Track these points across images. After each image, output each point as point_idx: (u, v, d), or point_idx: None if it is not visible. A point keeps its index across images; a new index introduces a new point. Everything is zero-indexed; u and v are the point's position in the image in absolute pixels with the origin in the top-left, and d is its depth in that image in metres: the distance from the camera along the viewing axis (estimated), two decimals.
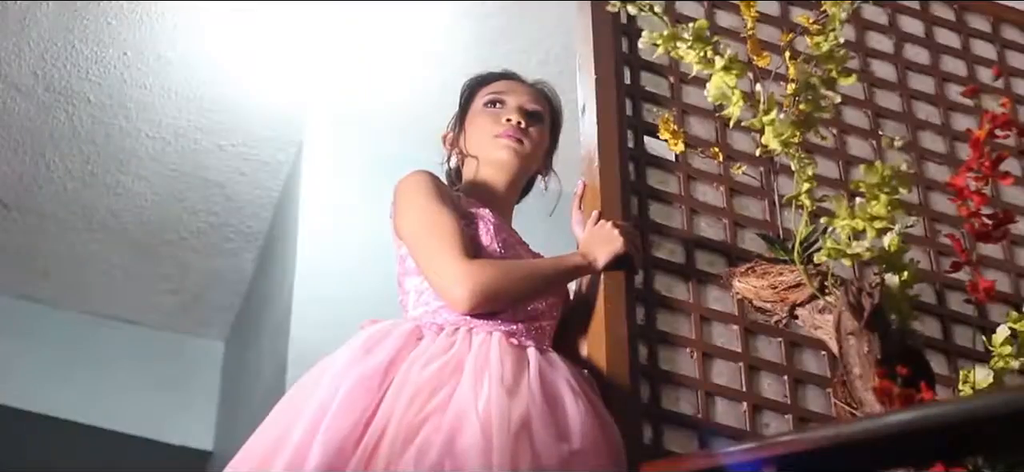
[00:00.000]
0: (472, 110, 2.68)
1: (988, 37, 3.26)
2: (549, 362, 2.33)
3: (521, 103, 2.65)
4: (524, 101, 2.66)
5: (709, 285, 2.61)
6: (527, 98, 2.67)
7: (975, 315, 2.77)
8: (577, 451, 2.13)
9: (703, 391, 2.47)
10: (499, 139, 2.61)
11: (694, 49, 2.21)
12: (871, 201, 2.17)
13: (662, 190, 2.70)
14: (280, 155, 4.53)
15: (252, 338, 4.74)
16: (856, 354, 2.28)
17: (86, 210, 4.73)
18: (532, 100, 2.68)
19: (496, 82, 2.71)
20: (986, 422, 1.53)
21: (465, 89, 2.74)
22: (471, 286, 2.33)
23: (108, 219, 4.79)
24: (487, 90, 2.69)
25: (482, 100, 2.67)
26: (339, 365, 2.28)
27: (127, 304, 5.14)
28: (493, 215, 2.52)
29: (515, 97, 2.66)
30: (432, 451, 2.05)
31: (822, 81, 2.24)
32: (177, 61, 4.23)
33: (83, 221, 4.77)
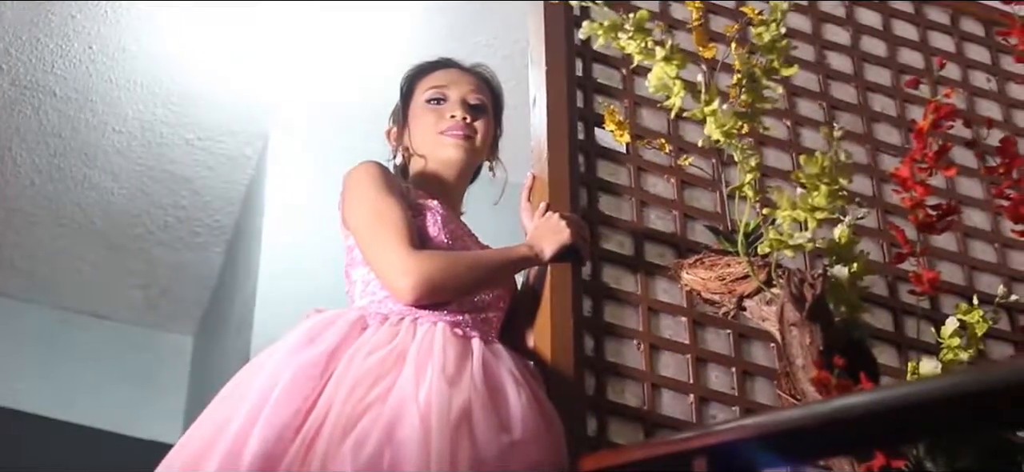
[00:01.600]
0: (414, 105, 2.65)
1: (946, 30, 3.25)
2: (493, 353, 2.33)
3: (464, 96, 2.62)
4: (466, 93, 2.63)
5: (658, 277, 2.60)
6: (469, 89, 2.64)
7: (928, 307, 2.77)
8: (517, 442, 2.13)
9: (649, 383, 2.47)
10: (445, 136, 2.59)
11: (635, 39, 2.20)
12: (812, 192, 2.16)
13: (612, 182, 2.69)
14: (247, 149, 4.52)
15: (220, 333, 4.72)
16: (799, 345, 2.29)
17: (53, 205, 4.72)
18: (474, 91, 2.65)
19: (435, 74, 2.67)
20: (910, 411, 1.53)
21: (404, 82, 2.70)
22: (415, 277, 2.33)
23: (75, 213, 4.78)
24: (427, 84, 2.65)
25: (423, 95, 2.64)
26: (281, 354, 2.27)
27: (95, 299, 5.12)
28: (441, 207, 2.51)
29: (457, 90, 2.63)
30: (370, 441, 2.04)
31: (764, 71, 2.23)
32: (142, 55, 4.22)
33: (50, 216, 4.76)
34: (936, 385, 1.47)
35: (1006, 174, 2.43)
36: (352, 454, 2.03)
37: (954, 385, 1.47)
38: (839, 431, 1.65)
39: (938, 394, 1.48)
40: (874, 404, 1.58)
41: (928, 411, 1.50)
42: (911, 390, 1.50)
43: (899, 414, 1.53)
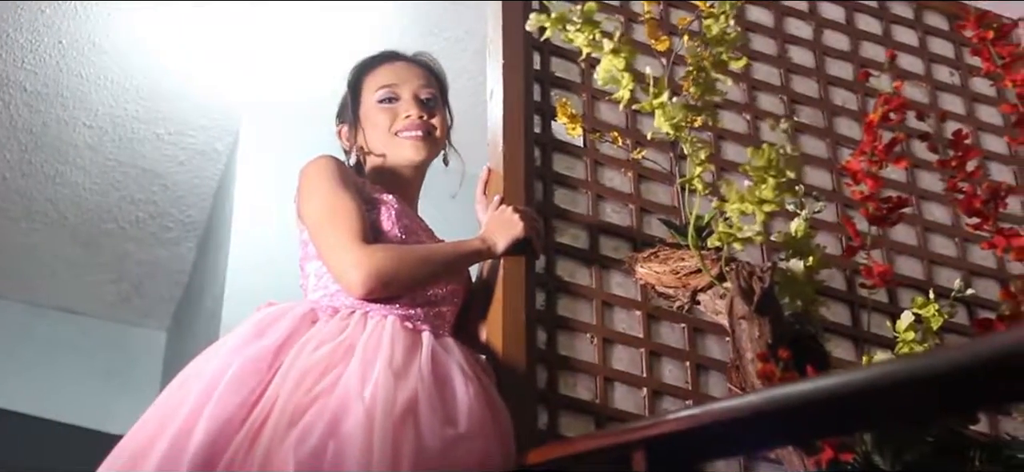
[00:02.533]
0: (365, 106, 2.62)
1: (910, 24, 3.25)
2: (443, 346, 2.32)
3: (415, 91, 2.60)
4: (417, 89, 2.61)
5: (612, 271, 2.60)
6: (419, 84, 2.62)
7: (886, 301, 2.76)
8: (462, 435, 2.12)
9: (602, 377, 2.46)
10: (402, 137, 2.57)
11: (583, 32, 2.19)
12: (760, 184, 2.15)
13: (568, 175, 2.69)
14: (218, 144, 4.51)
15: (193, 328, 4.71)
16: (748, 338, 2.28)
17: (25, 200, 4.71)
18: (424, 84, 2.63)
19: (381, 71, 2.64)
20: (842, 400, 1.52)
21: (350, 81, 2.67)
22: (366, 271, 2.32)
23: (47, 209, 4.76)
24: (375, 82, 2.62)
25: (374, 96, 2.61)
26: (229, 347, 2.27)
27: (68, 294, 5.11)
28: (396, 201, 2.50)
29: (408, 87, 2.60)
30: (314, 433, 2.04)
31: (714, 64, 2.22)
32: (112, 50, 4.21)
33: (22, 211, 4.75)
34: (867, 374, 1.47)
35: (959, 167, 2.42)
36: (296, 446, 2.02)
37: (884, 375, 1.46)
38: (774, 422, 1.65)
39: (868, 383, 1.47)
40: (806, 394, 1.57)
41: (859, 401, 1.49)
42: (843, 380, 1.49)
43: (832, 404, 1.53)
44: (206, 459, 2.05)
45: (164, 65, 4.26)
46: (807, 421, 1.58)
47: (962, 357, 1.26)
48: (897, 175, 2.96)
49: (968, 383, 1.31)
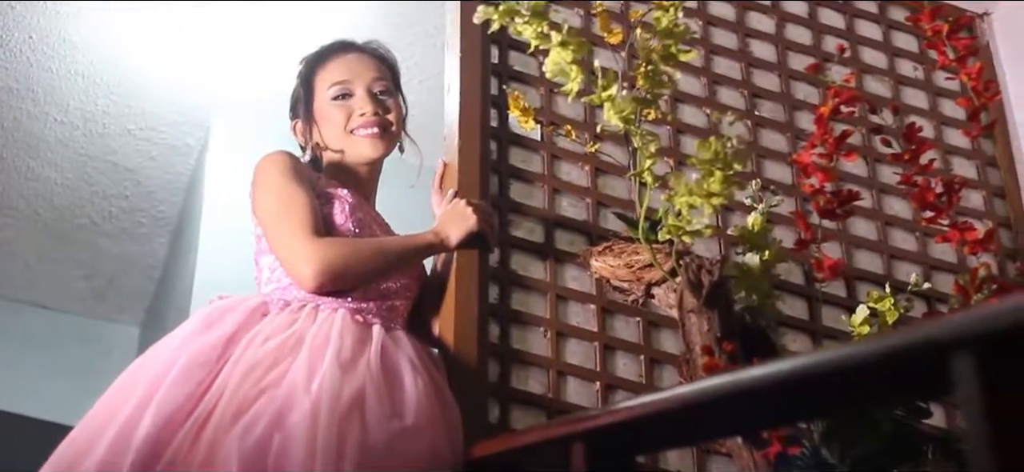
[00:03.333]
0: (318, 103, 2.59)
1: (873, 18, 3.24)
2: (394, 340, 2.31)
3: (369, 86, 2.57)
4: (371, 82, 2.58)
5: (567, 264, 2.60)
6: (372, 76, 2.59)
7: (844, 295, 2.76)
8: (409, 428, 2.12)
9: (554, 370, 2.46)
10: (359, 135, 2.55)
11: (531, 24, 2.18)
12: (707, 177, 2.15)
13: (524, 169, 2.68)
14: (189, 140, 4.49)
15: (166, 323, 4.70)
16: (697, 331, 2.27)
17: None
18: (377, 77, 2.60)
19: (333, 64, 2.61)
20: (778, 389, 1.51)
21: (302, 75, 2.65)
22: (317, 264, 2.31)
23: (19, 204, 4.75)
24: (328, 78, 2.59)
25: (328, 92, 2.58)
26: (178, 339, 2.27)
27: (41, 290, 5.10)
28: (351, 195, 2.49)
29: (361, 82, 2.57)
30: (259, 426, 2.03)
31: (662, 57, 2.21)
32: (83, 45, 4.19)
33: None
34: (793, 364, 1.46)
35: (913, 161, 2.42)
36: (240, 439, 2.01)
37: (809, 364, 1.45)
38: (709, 413, 1.64)
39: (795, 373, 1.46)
40: (737, 385, 1.57)
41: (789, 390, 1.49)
42: (770, 370, 1.48)
43: (763, 394, 1.52)
44: (151, 452, 2.04)
45: (135, 60, 4.24)
46: (741, 411, 1.58)
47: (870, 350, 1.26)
48: (859, 169, 2.96)
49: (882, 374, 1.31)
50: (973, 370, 1.21)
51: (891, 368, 1.32)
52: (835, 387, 1.39)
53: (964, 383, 1.21)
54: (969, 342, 1.23)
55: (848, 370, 1.34)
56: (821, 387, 1.40)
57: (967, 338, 1.23)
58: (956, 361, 1.23)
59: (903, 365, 1.30)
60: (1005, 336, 1.22)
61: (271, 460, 2.00)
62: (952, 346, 1.24)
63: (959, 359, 1.23)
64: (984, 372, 1.21)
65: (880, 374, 1.33)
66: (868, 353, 1.31)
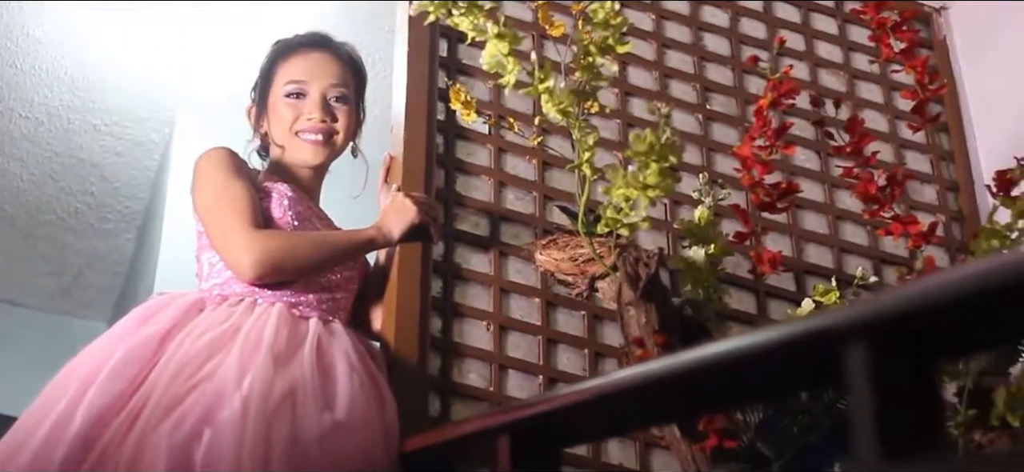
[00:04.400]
0: (273, 94, 2.58)
1: (829, 12, 3.23)
2: (331, 333, 2.31)
3: (324, 91, 2.54)
4: (327, 87, 2.55)
5: (512, 258, 2.59)
6: (330, 82, 2.56)
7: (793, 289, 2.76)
8: (340, 422, 2.11)
9: (497, 364, 2.45)
10: (302, 138, 2.53)
11: (467, 16, 2.17)
12: (643, 169, 2.14)
13: (470, 162, 2.67)
14: (154, 135, 4.48)
15: None
16: (635, 324, 2.27)
17: None
18: (336, 82, 2.56)
19: (296, 59, 2.59)
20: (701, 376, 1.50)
21: (266, 61, 2.63)
22: (256, 255, 2.31)
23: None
24: (287, 72, 2.57)
25: (283, 87, 2.56)
26: (114, 336, 2.27)
27: (8, 286, 5.08)
28: (290, 189, 2.48)
29: (318, 85, 2.55)
30: (189, 421, 2.02)
31: (599, 49, 2.21)
32: (46, 41, 4.17)
33: None
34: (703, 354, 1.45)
35: (855, 153, 2.41)
36: (169, 434, 2.01)
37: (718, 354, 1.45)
38: (623, 404, 1.63)
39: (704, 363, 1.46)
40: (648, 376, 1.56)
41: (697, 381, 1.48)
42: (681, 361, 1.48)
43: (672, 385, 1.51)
44: (82, 446, 2.04)
45: (100, 56, 4.23)
46: (651, 403, 1.57)
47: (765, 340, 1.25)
48: (812, 163, 2.95)
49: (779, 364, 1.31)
50: (862, 359, 1.21)
51: (787, 358, 1.31)
52: (735, 378, 1.38)
53: (853, 372, 1.21)
54: (858, 331, 1.22)
55: (746, 361, 1.33)
56: (721, 378, 1.39)
57: (856, 327, 1.23)
58: (847, 350, 1.22)
59: (796, 355, 1.30)
60: (893, 324, 1.21)
61: (199, 455, 1.99)
62: (843, 335, 1.24)
63: (849, 348, 1.22)
64: (873, 361, 1.21)
65: (777, 364, 1.33)
66: (764, 343, 1.30)
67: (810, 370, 1.31)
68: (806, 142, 2.94)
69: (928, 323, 1.20)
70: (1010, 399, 2.22)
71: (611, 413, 1.66)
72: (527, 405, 1.88)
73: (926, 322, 1.20)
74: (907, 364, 1.21)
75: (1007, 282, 1.13)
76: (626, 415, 1.66)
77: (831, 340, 1.24)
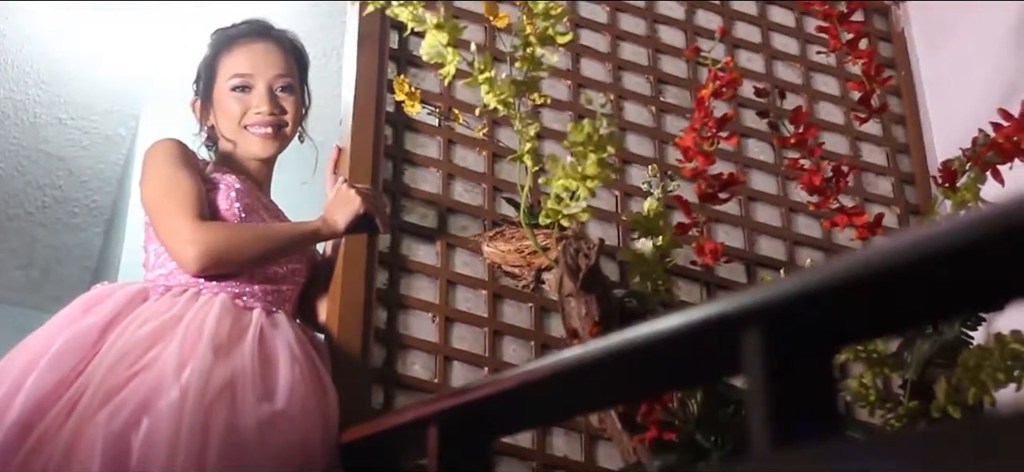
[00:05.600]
0: (218, 89, 2.57)
1: (786, 5, 3.23)
2: (274, 324, 2.30)
3: (270, 82, 2.54)
4: (272, 77, 2.54)
5: (460, 250, 2.59)
6: (274, 72, 2.55)
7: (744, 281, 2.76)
8: (279, 412, 2.11)
9: (442, 356, 2.45)
10: (251, 132, 2.53)
11: (406, 7, 2.17)
12: (581, 160, 2.14)
13: (419, 154, 2.67)
14: (121, 129, 4.47)
15: None
16: (576, 315, 2.27)
17: None
18: (281, 72, 2.56)
19: (238, 52, 2.58)
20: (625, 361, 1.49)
21: (207, 54, 2.62)
22: (200, 247, 2.31)
23: None
24: (231, 66, 2.56)
25: (228, 82, 2.55)
26: (56, 325, 2.27)
27: None
28: (237, 180, 2.48)
29: (262, 77, 2.54)
30: (126, 409, 2.03)
31: (539, 39, 2.21)
32: (12, 33, 4.16)
33: None
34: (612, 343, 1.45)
35: (799, 144, 2.41)
36: (106, 422, 2.01)
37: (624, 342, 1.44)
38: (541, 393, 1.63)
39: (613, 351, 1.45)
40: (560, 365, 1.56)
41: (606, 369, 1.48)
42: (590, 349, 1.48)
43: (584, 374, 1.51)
44: (19, 434, 2.04)
45: (65, 49, 4.22)
46: (566, 392, 1.57)
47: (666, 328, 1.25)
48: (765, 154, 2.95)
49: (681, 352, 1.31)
50: (758, 345, 1.21)
51: (690, 345, 1.31)
52: (642, 364, 1.38)
53: (748, 358, 1.21)
54: (754, 317, 1.22)
55: (650, 347, 1.33)
56: (630, 365, 1.39)
57: (752, 312, 1.23)
58: (744, 336, 1.22)
59: (700, 341, 1.30)
60: (788, 310, 1.21)
61: (136, 444, 1.99)
62: (740, 321, 1.24)
63: (746, 335, 1.22)
64: (769, 347, 1.21)
65: (681, 351, 1.33)
66: (666, 331, 1.30)
67: (713, 357, 1.31)
68: (759, 133, 2.94)
69: (822, 309, 1.20)
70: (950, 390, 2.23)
71: (535, 401, 1.66)
72: (455, 394, 1.88)
73: (820, 308, 1.20)
74: (802, 350, 1.21)
75: (896, 265, 1.13)
76: (549, 403, 1.66)
77: (729, 326, 1.24)
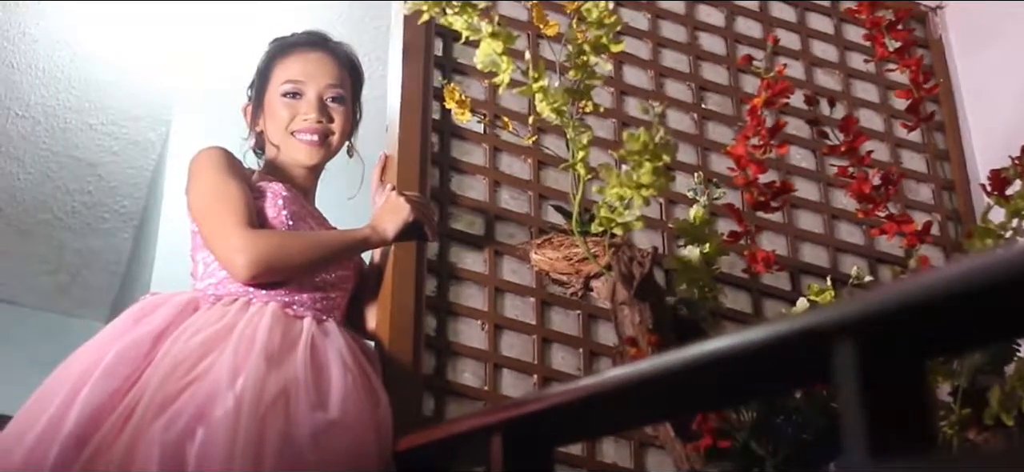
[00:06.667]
0: (270, 93, 2.58)
1: (825, 11, 3.23)
2: (325, 333, 2.30)
3: (321, 91, 2.54)
4: (323, 87, 2.54)
5: (507, 257, 2.59)
6: (326, 82, 2.55)
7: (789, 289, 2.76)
8: (334, 421, 2.10)
9: (491, 363, 2.45)
10: (298, 139, 2.53)
11: (461, 15, 2.17)
12: (636, 168, 2.14)
13: (465, 162, 2.67)
14: (151, 134, 4.48)
15: None
16: (629, 323, 2.27)
17: None
18: (333, 82, 2.56)
19: (293, 59, 2.59)
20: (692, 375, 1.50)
21: (263, 60, 2.63)
22: (250, 255, 2.31)
23: None
24: (284, 72, 2.57)
25: (280, 86, 2.56)
26: (108, 335, 2.27)
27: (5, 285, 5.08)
28: (285, 189, 2.48)
29: (314, 85, 2.54)
30: (182, 419, 2.02)
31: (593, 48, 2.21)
32: (44, 40, 4.17)
33: None
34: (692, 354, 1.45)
35: (849, 152, 2.41)
36: (162, 432, 2.00)
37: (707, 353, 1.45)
38: (612, 404, 1.63)
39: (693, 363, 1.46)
40: (635, 376, 1.56)
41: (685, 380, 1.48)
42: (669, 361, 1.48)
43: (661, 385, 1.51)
44: (76, 445, 2.04)
45: (96, 55, 4.23)
46: (640, 402, 1.57)
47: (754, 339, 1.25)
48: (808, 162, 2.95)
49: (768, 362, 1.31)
50: (850, 356, 1.21)
51: (776, 356, 1.31)
52: (726, 376, 1.38)
53: (841, 369, 1.21)
54: (847, 328, 1.22)
55: (736, 359, 1.33)
56: (713, 377, 1.39)
57: (845, 324, 1.23)
58: (835, 348, 1.23)
59: (787, 353, 1.30)
60: (882, 322, 1.21)
61: (192, 453, 1.99)
62: (832, 333, 1.24)
63: (838, 346, 1.22)
64: (861, 358, 1.21)
65: (766, 362, 1.33)
66: (753, 342, 1.30)
67: (800, 369, 1.31)
68: (801, 141, 2.94)
69: (916, 321, 1.20)
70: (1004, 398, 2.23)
71: (603, 412, 1.66)
72: (520, 404, 1.88)
73: (914, 320, 1.20)
74: (895, 362, 1.21)
75: (995, 280, 1.13)
76: (618, 414, 1.66)
77: (819, 338, 1.24)
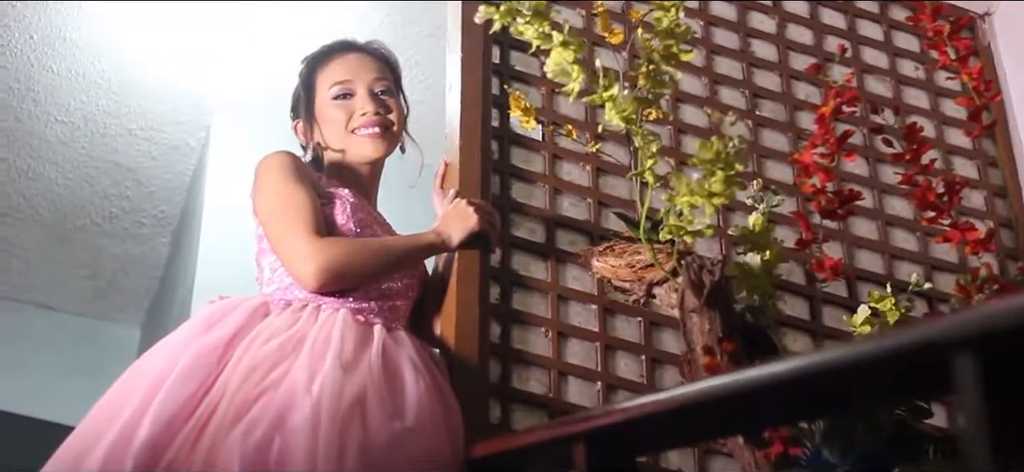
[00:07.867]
0: (319, 102, 2.59)
1: (874, 17, 3.24)
2: (395, 340, 2.31)
3: (370, 85, 2.57)
4: (371, 82, 2.58)
5: (569, 264, 2.60)
6: (373, 76, 2.59)
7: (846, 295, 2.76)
8: (410, 428, 2.11)
9: (556, 370, 2.46)
10: (360, 134, 2.55)
11: (532, 24, 2.18)
12: (708, 177, 2.15)
13: (525, 169, 2.68)
14: (190, 140, 4.49)
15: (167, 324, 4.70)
16: (699, 331, 2.27)
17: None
18: (378, 77, 2.60)
19: (334, 64, 2.61)
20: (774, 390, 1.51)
21: (303, 75, 2.65)
22: (319, 263, 2.31)
23: (20, 204, 4.75)
24: (329, 77, 2.59)
25: (329, 92, 2.58)
26: (179, 340, 2.27)
27: (42, 289, 5.10)
28: (352, 195, 2.49)
29: (362, 81, 2.57)
30: (260, 427, 2.02)
31: (662, 56, 2.21)
32: (83, 45, 4.19)
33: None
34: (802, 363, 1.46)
35: (913, 161, 2.42)
36: (241, 440, 2.00)
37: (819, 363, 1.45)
38: (710, 413, 1.64)
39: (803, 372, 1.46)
40: (740, 385, 1.57)
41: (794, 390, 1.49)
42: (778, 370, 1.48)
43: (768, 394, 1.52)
44: (151, 454, 2.03)
45: (136, 60, 4.25)
46: (741, 412, 1.58)
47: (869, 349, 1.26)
48: (860, 169, 2.96)
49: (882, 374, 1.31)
50: (973, 370, 1.21)
51: (891, 368, 1.32)
52: (835, 387, 1.39)
53: (964, 383, 1.21)
54: (969, 342, 1.23)
55: (848, 370, 1.34)
56: (821, 387, 1.40)
57: (967, 338, 1.23)
58: (956, 361, 1.23)
59: (903, 365, 1.30)
60: (1005, 336, 1.22)
61: (272, 461, 1.99)
62: (952, 346, 1.24)
63: (959, 359, 1.23)
64: (984, 372, 1.21)
65: (880, 374, 1.33)
66: (868, 353, 1.31)
67: (919, 380, 1.31)
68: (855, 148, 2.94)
69: None
70: None
71: (696, 422, 1.67)
72: (607, 413, 1.88)
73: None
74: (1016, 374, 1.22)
75: None
76: (712, 424, 1.67)
77: (941, 350, 1.24)
